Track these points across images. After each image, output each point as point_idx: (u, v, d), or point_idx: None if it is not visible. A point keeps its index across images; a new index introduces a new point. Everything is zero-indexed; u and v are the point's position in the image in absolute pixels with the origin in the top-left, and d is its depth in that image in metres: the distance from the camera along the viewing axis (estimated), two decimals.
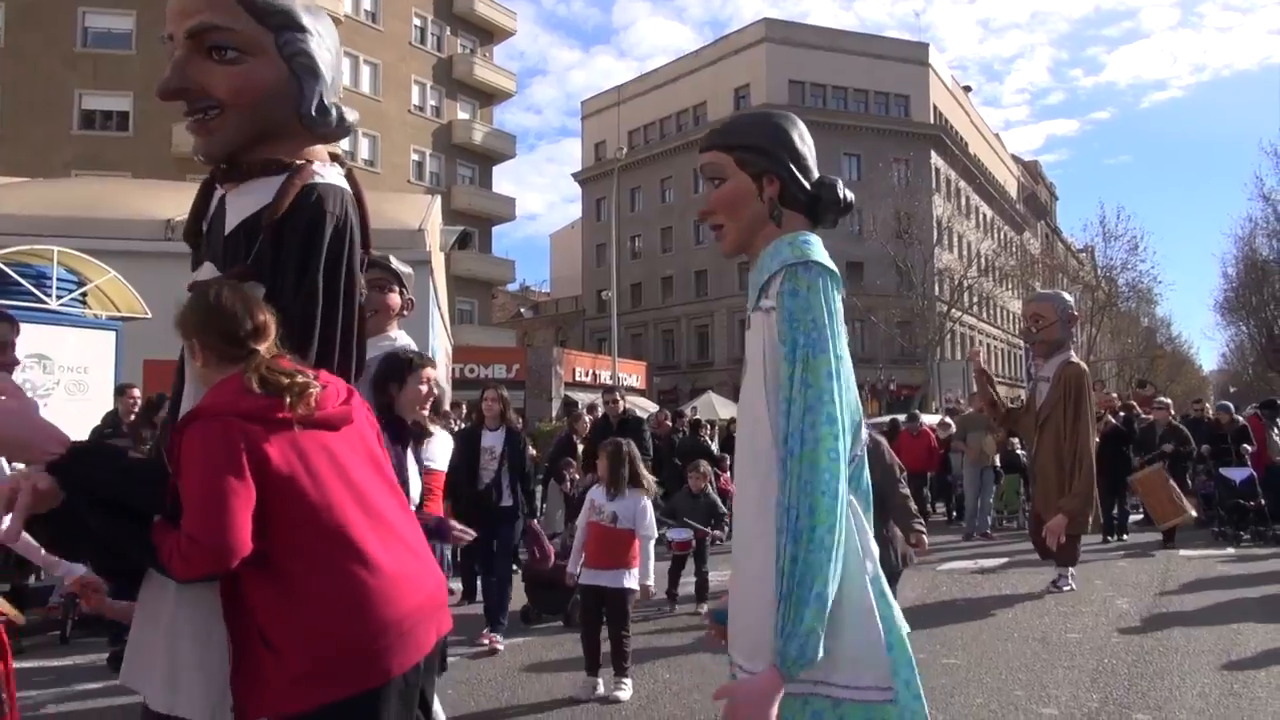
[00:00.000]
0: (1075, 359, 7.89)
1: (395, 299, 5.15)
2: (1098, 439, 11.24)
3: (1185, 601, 7.63)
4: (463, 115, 40.29)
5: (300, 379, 1.95)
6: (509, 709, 4.95)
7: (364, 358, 2.44)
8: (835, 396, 2.20)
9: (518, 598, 7.38)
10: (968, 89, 57.43)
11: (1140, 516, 12.27)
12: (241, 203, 2.29)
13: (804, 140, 2.42)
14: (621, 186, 39.94)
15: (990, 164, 55.83)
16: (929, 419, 16.77)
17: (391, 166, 36.60)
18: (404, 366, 3.81)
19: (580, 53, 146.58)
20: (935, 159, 46.17)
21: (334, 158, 2.46)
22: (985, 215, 53.70)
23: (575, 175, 54.31)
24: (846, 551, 2.34)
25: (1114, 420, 11.83)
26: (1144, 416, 12.76)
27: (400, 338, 4.91)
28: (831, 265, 2.30)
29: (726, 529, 8.08)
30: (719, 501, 8.06)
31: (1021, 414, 8.27)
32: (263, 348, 2.02)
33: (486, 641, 6.20)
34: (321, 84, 2.33)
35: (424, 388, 3.81)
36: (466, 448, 6.64)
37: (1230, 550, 10.84)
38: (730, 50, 46.50)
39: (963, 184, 49.88)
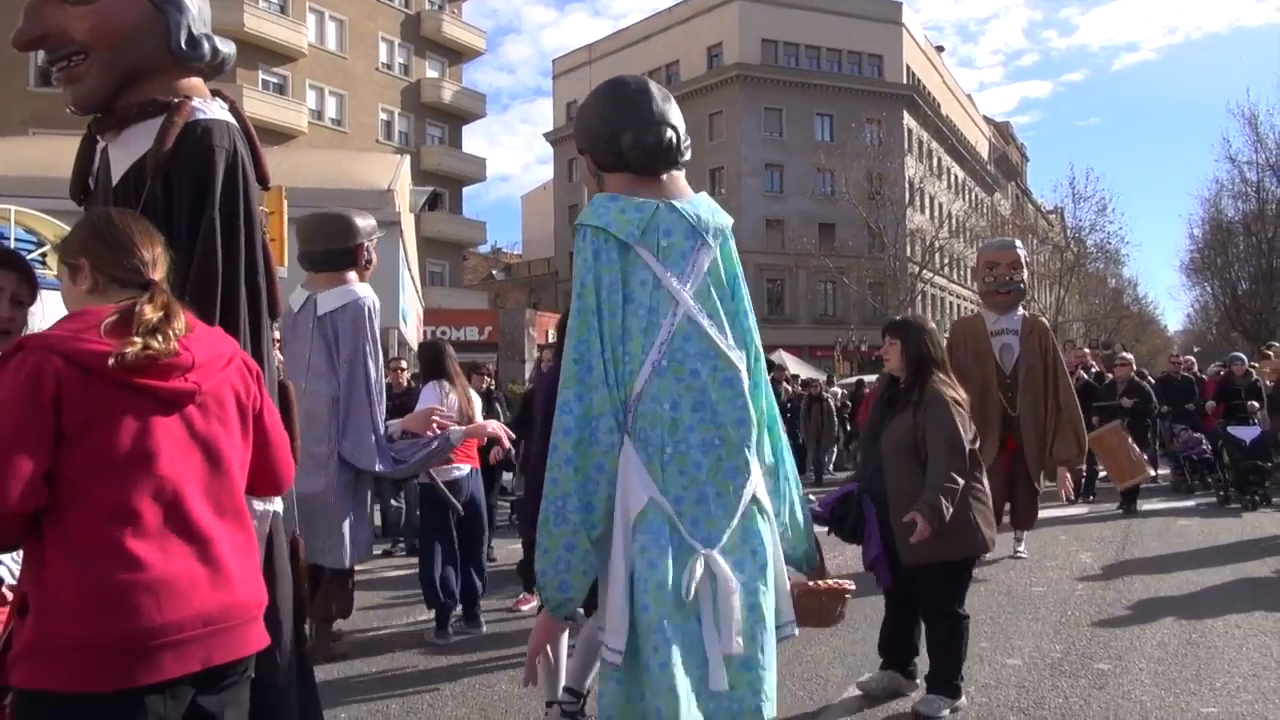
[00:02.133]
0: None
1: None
2: None
3: (1147, 556, 7.80)
4: (431, 74, 39.63)
5: (154, 337, 1.73)
6: (475, 665, 4.99)
7: (276, 294, 2.39)
8: (571, 357, 2.62)
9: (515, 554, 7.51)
10: (940, 49, 57.27)
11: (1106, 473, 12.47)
12: (123, 152, 2.21)
13: (613, 101, 2.78)
14: None
15: (962, 125, 55.85)
16: None
17: (359, 126, 36.01)
18: None
19: (555, 11, 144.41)
20: (908, 119, 46.10)
21: (216, 94, 2.36)
22: (957, 176, 53.82)
23: (547, 135, 53.76)
24: (615, 504, 2.72)
25: (1086, 376, 11.58)
26: (1107, 376, 12.35)
27: (358, 288, 4.88)
28: (603, 222, 2.65)
29: None
30: None
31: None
32: (158, 279, 1.86)
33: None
34: (187, 15, 2.23)
35: None
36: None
37: (1190, 503, 11.07)
38: (703, 8, 45.94)
39: (935, 145, 49.89)
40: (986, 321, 7.08)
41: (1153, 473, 10.20)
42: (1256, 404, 11.44)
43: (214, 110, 2.23)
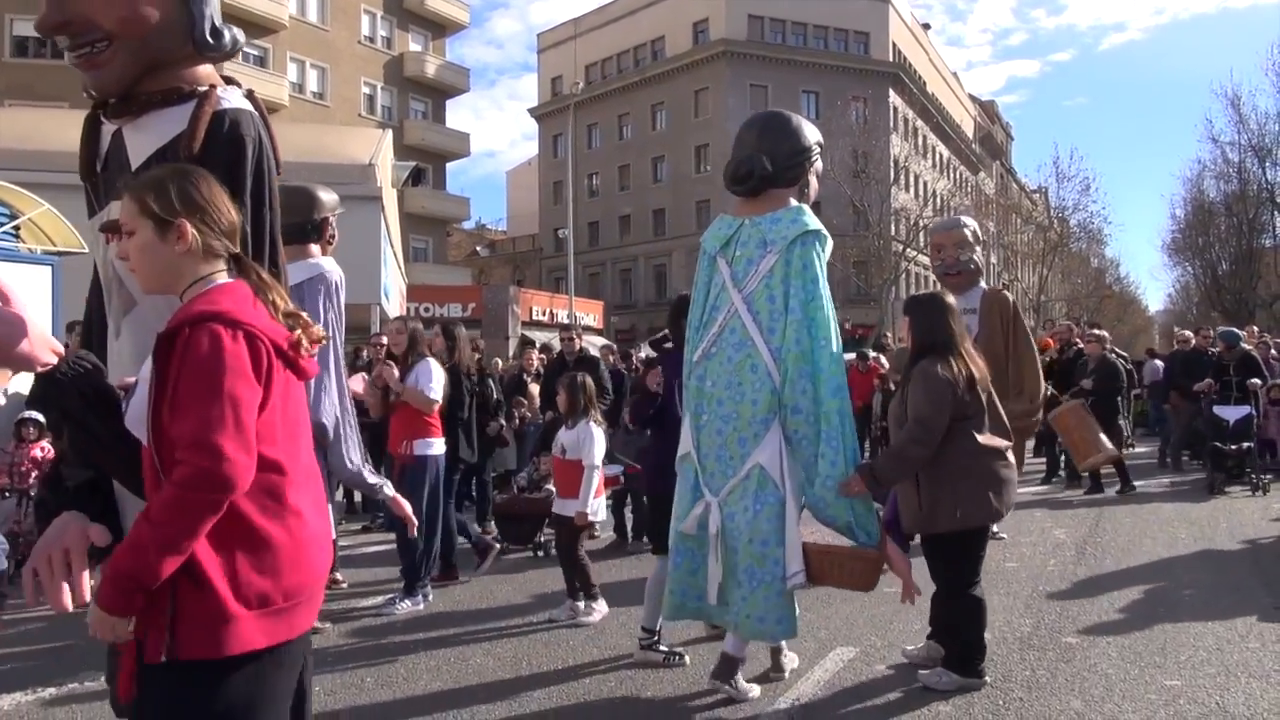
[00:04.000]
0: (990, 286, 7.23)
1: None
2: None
3: (1120, 532, 7.89)
4: (414, 47, 39.21)
5: (312, 323, 1.91)
6: (450, 639, 5.01)
7: (287, 280, 2.44)
8: None
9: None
10: (927, 27, 57.09)
11: None
12: (144, 137, 2.22)
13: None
14: (579, 123, 39.36)
15: (948, 103, 55.77)
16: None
17: (341, 100, 35.63)
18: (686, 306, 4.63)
19: None
20: (893, 97, 45.98)
21: (228, 80, 2.38)
22: (942, 155, 53.80)
23: (531, 111, 53.37)
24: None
25: (1055, 355, 11.03)
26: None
27: (324, 261, 4.82)
28: (703, 239, 4.25)
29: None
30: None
31: None
32: (238, 249, 1.96)
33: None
34: (210, 6, 2.28)
35: None
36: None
37: (1166, 481, 11.19)
38: None
39: (920, 123, 49.83)
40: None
41: (1114, 452, 9.04)
42: (1258, 381, 10.39)
43: (235, 98, 2.27)
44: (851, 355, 17.00)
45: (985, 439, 4.10)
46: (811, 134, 4.24)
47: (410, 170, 25.45)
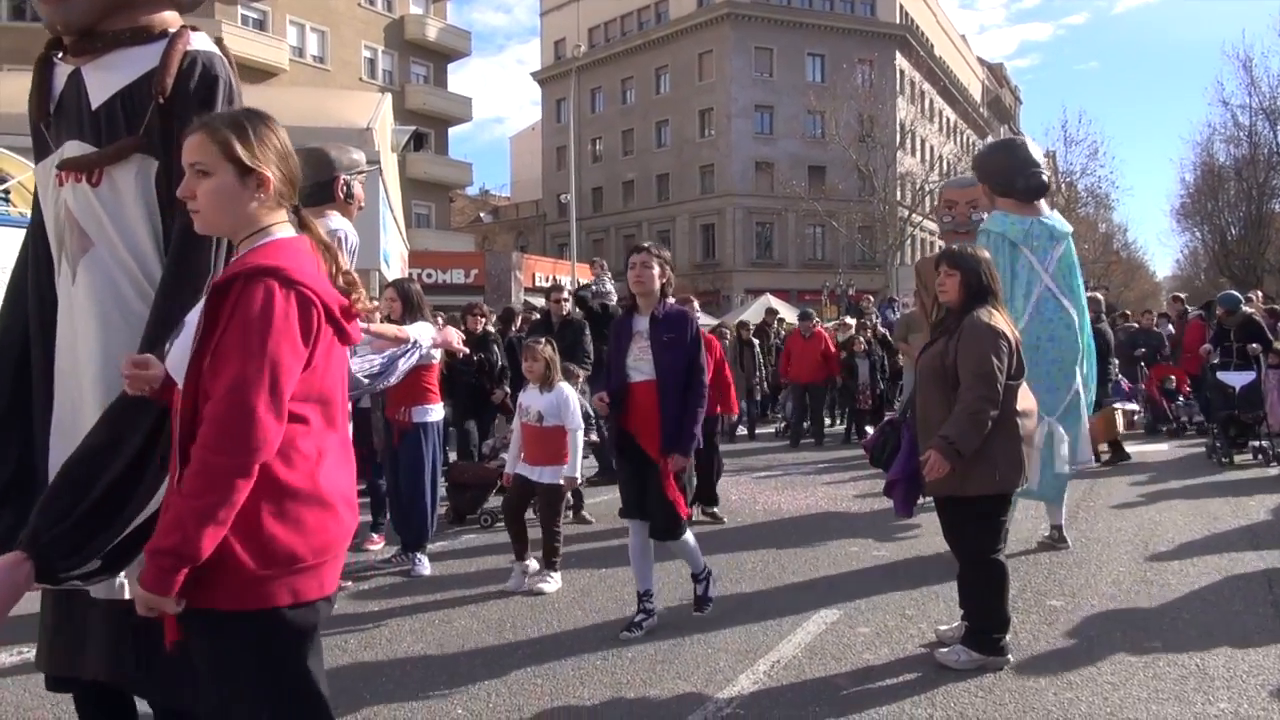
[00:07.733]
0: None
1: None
2: None
3: (1112, 496, 7.88)
4: (415, 10, 38.75)
5: (356, 289, 1.90)
6: (434, 602, 5.03)
7: None
8: None
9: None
10: None
11: None
12: (107, 75, 2.20)
13: (1010, 155, 5.99)
14: (582, 86, 38.91)
15: (955, 66, 55.05)
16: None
17: (341, 63, 35.28)
18: None
19: None
20: (900, 60, 45.41)
21: (190, 27, 2.35)
22: (948, 119, 53.21)
23: (534, 74, 52.85)
24: None
25: None
26: None
27: (333, 220, 4.74)
28: (1000, 229, 5.81)
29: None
30: (586, 404, 7.71)
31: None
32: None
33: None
34: None
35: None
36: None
37: (1164, 446, 11.16)
38: None
39: (927, 86, 49.22)
40: None
41: (1121, 429, 9.03)
42: (1258, 345, 9.72)
43: (204, 41, 2.25)
44: (790, 317, 15.48)
45: (1022, 400, 3.96)
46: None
47: (410, 134, 25.24)
